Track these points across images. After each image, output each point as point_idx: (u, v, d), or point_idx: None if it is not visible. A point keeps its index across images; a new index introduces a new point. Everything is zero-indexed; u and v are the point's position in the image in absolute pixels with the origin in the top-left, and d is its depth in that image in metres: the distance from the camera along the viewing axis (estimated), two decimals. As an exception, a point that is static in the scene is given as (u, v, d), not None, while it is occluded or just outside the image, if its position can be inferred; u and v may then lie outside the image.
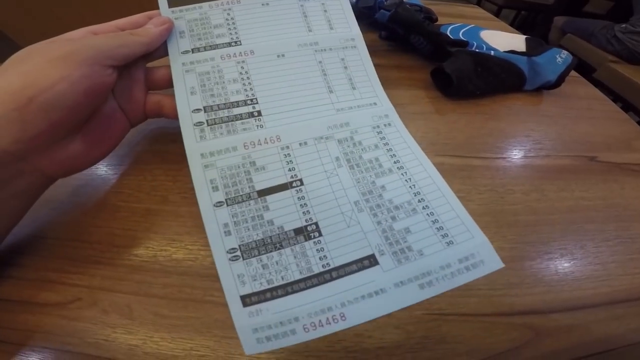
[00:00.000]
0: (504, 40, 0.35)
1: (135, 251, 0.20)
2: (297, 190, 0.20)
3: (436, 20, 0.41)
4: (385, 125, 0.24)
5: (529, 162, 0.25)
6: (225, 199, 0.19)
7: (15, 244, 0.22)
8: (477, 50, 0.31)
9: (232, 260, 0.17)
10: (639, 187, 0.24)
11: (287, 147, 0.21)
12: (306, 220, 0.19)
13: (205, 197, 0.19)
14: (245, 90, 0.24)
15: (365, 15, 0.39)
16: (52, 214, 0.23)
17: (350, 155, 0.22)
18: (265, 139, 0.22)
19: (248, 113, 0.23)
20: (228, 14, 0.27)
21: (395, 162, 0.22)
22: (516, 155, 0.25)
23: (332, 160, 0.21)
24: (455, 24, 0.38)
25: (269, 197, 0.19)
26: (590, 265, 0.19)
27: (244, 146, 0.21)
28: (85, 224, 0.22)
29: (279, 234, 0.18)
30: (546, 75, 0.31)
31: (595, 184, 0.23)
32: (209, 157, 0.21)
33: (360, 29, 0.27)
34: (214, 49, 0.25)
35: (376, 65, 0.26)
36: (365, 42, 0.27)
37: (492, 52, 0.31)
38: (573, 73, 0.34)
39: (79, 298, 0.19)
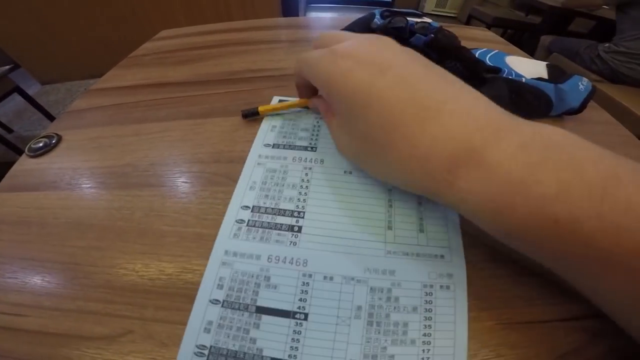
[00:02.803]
0: (527, 66, 0.37)
1: (191, 279, 0.20)
2: (296, 323, 0.18)
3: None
4: (442, 287, 0.19)
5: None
6: (224, 300, 0.18)
7: (43, 272, 0.20)
8: (509, 77, 0.33)
9: (197, 356, 0.17)
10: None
11: (310, 276, 0.19)
12: (289, 356, 0.17)
13: (206, 290, 0.19)
14: (299, 200, 0.23)
15: (394, 36, 0.41)
16: (83, 239, 0.22)
17: (376, 310, 0.18)
18: (292, 259, 0.20)
19: (289, 226, 0.22)
20: (317, 122, 0.29)
21: (425, 335, 0.17)
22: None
23: (352, 307, 0.18)
24: (481, 48, 0.40)
25: (265, 317, 0.18)
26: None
27: (268, 259, 0.20)
28: (128, 250, 0.21)
29: (254, 355, 0.17)
30: (570, 102, 0.33)
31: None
32: (231, 256, 0.20)
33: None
34: (292, 149, 0.26)
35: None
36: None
37: (524, 79, 0.33)
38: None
39: (130, 330, 0.18)
